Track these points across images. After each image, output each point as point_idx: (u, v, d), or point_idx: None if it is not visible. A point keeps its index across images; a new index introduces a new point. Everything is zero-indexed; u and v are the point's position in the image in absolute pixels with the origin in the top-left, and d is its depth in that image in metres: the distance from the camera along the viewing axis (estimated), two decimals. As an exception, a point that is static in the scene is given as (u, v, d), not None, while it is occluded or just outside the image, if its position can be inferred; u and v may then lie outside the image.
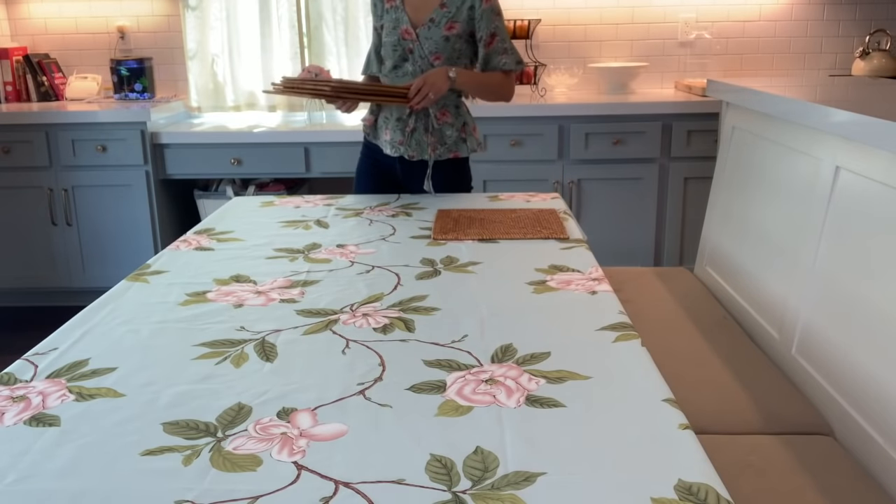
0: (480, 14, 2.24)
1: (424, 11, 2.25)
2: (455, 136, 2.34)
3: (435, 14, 2.24)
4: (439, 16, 2.24)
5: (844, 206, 1.57)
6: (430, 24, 2.24)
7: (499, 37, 2.28)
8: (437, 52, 2.24)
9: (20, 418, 1.04)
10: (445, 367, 1.17)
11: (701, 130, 3.23)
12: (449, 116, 2.33)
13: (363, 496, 0.86)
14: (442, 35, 2.23)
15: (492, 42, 2.28)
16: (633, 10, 3.68)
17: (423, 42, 2.24)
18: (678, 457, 0.93)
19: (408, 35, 2.25)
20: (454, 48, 2.25)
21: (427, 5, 2.26)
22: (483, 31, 2.26)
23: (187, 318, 1.39)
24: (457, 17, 2.24)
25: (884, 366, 1.37)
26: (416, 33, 2.24)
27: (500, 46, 2.29)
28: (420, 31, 2.24)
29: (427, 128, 2.31)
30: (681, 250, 3.39)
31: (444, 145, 2.34)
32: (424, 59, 2.25)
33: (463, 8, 2.24)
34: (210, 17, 3.65)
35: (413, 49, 2.25)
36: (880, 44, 3.53)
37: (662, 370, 1.16)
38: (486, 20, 2.25)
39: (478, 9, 2.24)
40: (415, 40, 2.24)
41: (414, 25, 2.25)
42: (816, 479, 1.30)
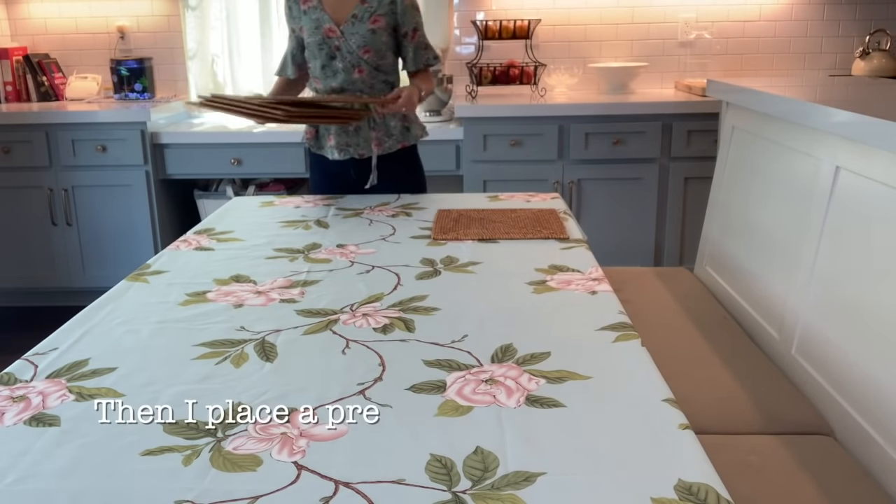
0: (403, 9, 2.30)
1: (344, 9, 2.29)
2: (399, 126, 2.40)
3: (356, 10, 2.28)
4: (361, 11, 2.28)
5: (844, 206, 1.57)
6: (353, 19, 2.28)
7: (419, 31, 2.36)
8: (365, 46, 2.28)
9: (20, 418, 1.04)
10: (445, 367, 1.17)
11: (701, 130, 3.23)
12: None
13: (363, 496, 0.86)
14: (368, 29, 2.28)
15: (414, 37, 2.35)
16: (633, 10, 3.68)
17: (349, 38, 2.28)
18: (678, 457, 0.93)
19: (332, 33, 2.29)
20: (381, 41, 2.30)
21: (346, 2, 2.29)
22: (407, 27, 2.33)
23: (187, 318, 1.39)
24: (379, 10, 2.29)
25: (884, 366, 1.37)
26: (341, 30, 2.28)
27: (422, 42, 2.37)
28: (344, 27, 2.28)
29: (370, 123, 2.36)
30: (681, 250, 3.39)
31: (391, 137, 2.40)
32: (353, 55, 2.29)
33: (384, 2, 2.29)
34: (210, 17, 3.65)
35: (340, 46, 2.29)
36: (880, 44, 3.53)
37: (662, 370, 1.16)
38: (408, 15, 2.32)
39: (399, 4, 2.30)
40: (340, 37, 2.28)
41: (336, 23, 2.29)
42: (816, 479, 1.30)
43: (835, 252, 1.58)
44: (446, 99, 3.48)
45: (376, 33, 2.28)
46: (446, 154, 3.33)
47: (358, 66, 2.30)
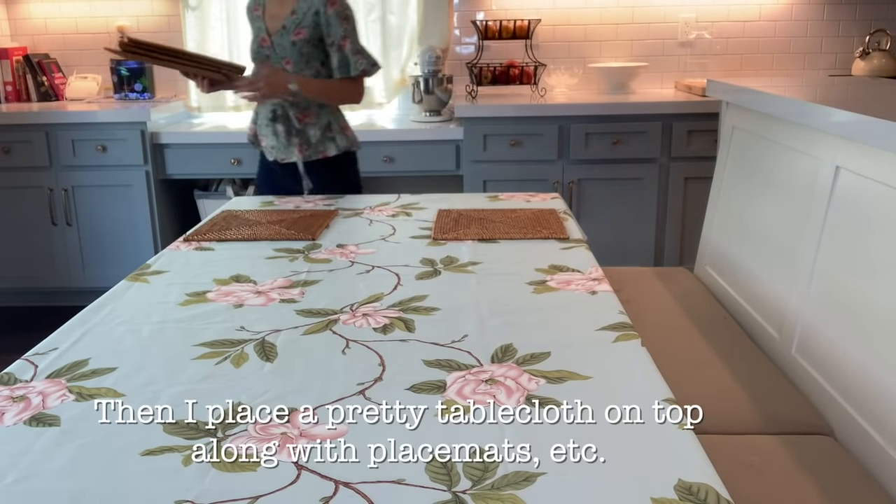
0: (326, 19, 2.33)
1: (279, 19, 2.37)
2: (319, 135, 2.43)
3: (286, 21, 2.35)
4: (290, 23, 2.35)
5: (844, 206, 1.57)
6: (283, 31, 2.35)
7: (350, 40, 2.37)
8: (286, 58, 2.36)
9: (20, 418, 1.04)
10: (445, 367, 1.17)
11: (701, 130, 3.23)
12: (312, 117, 2.42)
13: (363, 496, 0.86)
14: (290, 41, 2.34)
15: (343, 46, 2.36)
16: (633, 10, 3.68)
17: (276, 49, 2.36)
18: (678, 457, 0.93)
19: (264, 43, 2.38)
20: (301, 53, 2.35)
21: (282, 13, 2.37)
22: (332, 37, 2.35)
23: (187, 318, 1.39)
24: (304, 22, 2.34)
25: (884, 366, 1.37)
26: (272, 41, 2.37)
27: (354, 49, 2.37)
28: (275, 38, 2.36)
29: (290, 130, 2.41)
30: (681, 250, 3.39)
31: (310, 146, 2.43)
32: (279, 65, 2.36)
33: (309, 13, 2.33)
34: (210, 17, 3.65)
35: (269, 56, 2.38)
36: (880, 44, 3.53)
37: (662, 370, 1.16)
38: (333, 25, 2.34)
39: (322, 14, 2.33)
40: (270, 48, 2.37)
41: (269, 33, 2.37)
42: (816, 479, 1.30)
43: (835, 252, 1.58)
44: (446, 99, 3.48)
45: (296, 45, 2.34)
46: (446, 154, 3.33)
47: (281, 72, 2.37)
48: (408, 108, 3.72)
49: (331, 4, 2.33)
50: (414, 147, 3.33)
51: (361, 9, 3.60)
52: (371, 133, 3.35)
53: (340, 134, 2.47)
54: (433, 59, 3.43)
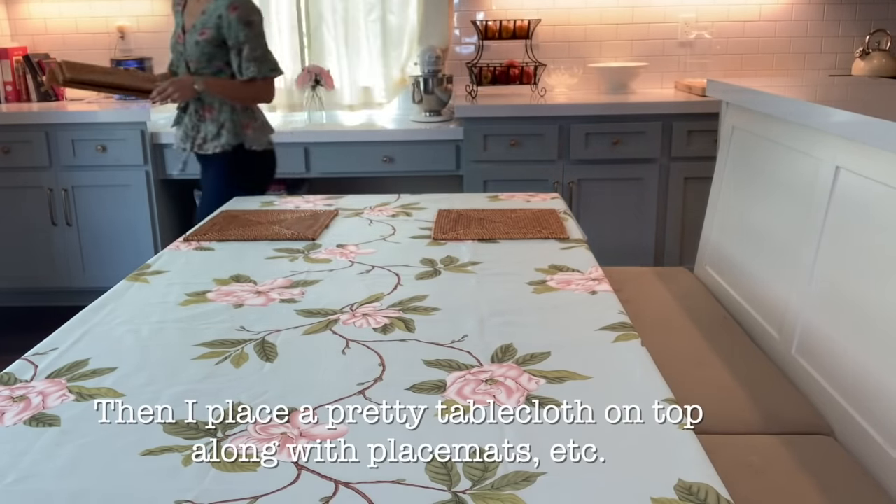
0: (228, 23, 2.42)
1: (193, 18, 2.49)
2: (213, 130, 2.54)
3: (197, 21, 2.47)
4: (199, 22, 2.46)
5: (844, 206, 1.56)
6: (193, 29, 2.47)
7: (249, 45, 2.46)
8: (190, 57, 2.48)
9: (20, 418, 1.04)
10: (445, 367, 1.17)
11: (701, 130, 3.23)
12: (212, 112, 2.55)
13: (363, 496, 0.86)
14: (195, 40, 2.46)
15: (241, 50, 2.46)
16: (633, 10, 3.68)
17: (186, 47, 2.49)
18: (678, 457, 0.93)
19: (179, 40, 2.52)
20: (203, 53, 2.46)
21: (195, 12, 2.49)
22: (232, 40, 2.45)
23: (187, 318, 1.39)
24: (208, 23, 2.44)
25: (884, 366, 1.37)
26: (185, 38, 2.49)
27: (250, 55, 2.47)
28: (186, 35, 2.49)
29: (192, 123, 2.58)
30: (681, 250, 3.38)
31: (206, 141, 2.58)
32: (185, 63, 2.51)
33: (214, 15, 2.44)
34: (210, 17, 3.64)
35: (182, 52, 2.52)
36: (880, 44, 3.53)
37: (662, 370, 1.16)
38: (233, 29, 2.43)
39: (224, 17, 2.42)
40: (182, 44, 2.50)
41: (184, 30, 2.51)
42: (816, 479, 1.30)
43: (835, 252, 1.58)
44: (446, 99, 3.48)
45: (199, 45, 2.45)
46: (446, 154, 3.33)
47: (187, 75, 2.51)
48: (408, 108, 3.72)
49: (233, 9, 2.41)
50: (414, 147, 3.33)
51: (361, 9, 3.60)
52: (371, 133, 3.35)
53: (233, 133, 2.55)
54: (433, 59, 3.43)
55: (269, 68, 2.53)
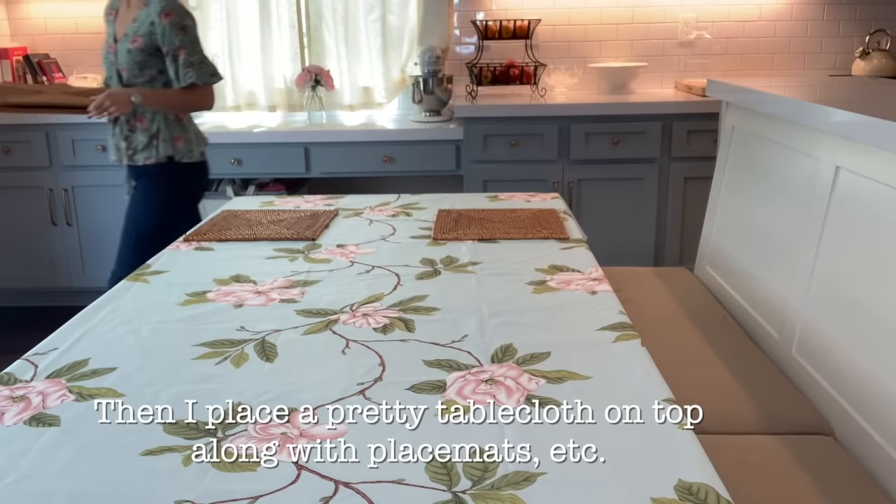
0: (161, 29, 2.37)
1: (124, 26, 2.44)
2: (145, 141, 2.48)
3: (128, 29, 2.42)
4: (130, 30, 2.41)
5: (844, 206, 1.56)
6: (124, 37, 2.42)
7: (185, 51, 2.41)
8: (122, 65, 2.42)
9: (20, 418, 1.04)
10: (445, 367, 1.17)
11: (701, 130, 3.23)
12: (144, 122, 2.48)
13: (363, 496, 0.86)
14: (126, 48, 2.40)
15: (178, 56, 2.41)
16: (633, 10, 3.67)
17: (118, 56, 2.43)
18: (678, 457, 0.93)
19: (111, 49, 2.46)
20: (134, 61, 2.40)
21: (126, 20, 2.44)
22: (167, 46, 2.40)
23: (187, 318, 1.39)
24: (140, 31, 2.39)
25: (884, 366, 1.37)
26: (116, 47, 2.44)
27: (188, 60, 2.41)
28: (118, 45, 2.44)
29: (123, 134, 2.50)
30: (681, 250, 3.38)
31: (137, 151, 2.51)
32: (118, 73, 2.44)
33: (146, 23, 2.39)
34: (210, 17, 3.65)
35: (114, 62, 2.45)
36: (880, 44, 3.53)
37: (662, 370, 1.16)
38: (168, 35, 2.38)
39: (157, 24, 2.37)
40: (114, 53, 2.45)
41: (115, 39, 2.45)
42: (816, 479, 1.30)
43: (835, 252, 1.58)
44: (446, 99, 3.48)
45: (131, 53, 2.39)
46: (446, 154, 3.33)
47: (120, 84, 2.44)
48: (408, 108, 3.72)
49: (166, 15, 2.37)
50: (414, 147, 3.33)
51: (361, 9, 3.60)
52: (371, 133, 3.35)
53: (166, 143, 2.50)
54: (433, 59, 3.43)
55: (209, 73, 2.47)
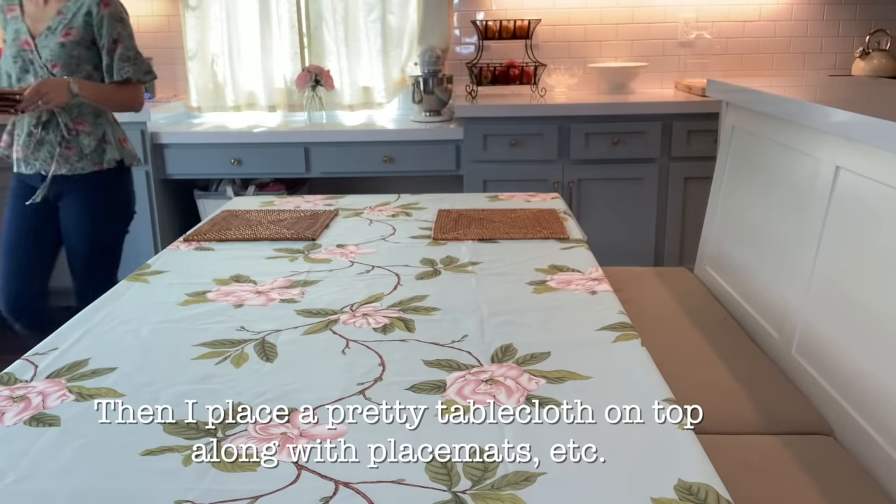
0: (99, 20, 2.24)
1: (42, 20, 2.25)
2: (94, 145, 2.30)
3: (51, 22, 2.23)
4: (55, 23, 2.23)
5: (844, 206, 1.57)
6: (48, 31, 2.23)
7: (123, 44, 2.28)
8: (53, 60, 2.22)
9: (20, 418, 1.04)
10: (445, 367, 1.17)
11: (701, 130, 3.23)
12: (87, 125, 2.30)
13: (363, 496, 0.86)
14: (58, 42, 2.22)
15: (114, 49, 2.27)
16: (633, 10, 3.67)
17: (41, 51, 2.22)
18: (678, 457, 0.93)
19: (27, 45, 2.23)
20: (71, 55, 2.23)
21: (44, 14, 2.25)
22: (104, 38, 2.26)
23: (187, 318, 1.39)
24: (73, 23, 2.23)
25: (884, 366, 1.37)
26: (35, 43, 2.23)
27: (124, 54, 2.28)
28: (38, 40, 2.23)
29: (59, 139, 2.27)
30: (681, 250, 3.38)
31: (83, 157, 2.30)
32: (43, 69, 2.22)
33: (79, 14, 2.23)
34: (210, 17, 3.65)
35: (33, 59, 2.23)
36: (880, 44, 3.53)
37: (662, 370, 1.16)
38: (105, 26, 2.24)
39: (95, 14, 2.23)
40: (33, 50, 2.23)
41: (32, 35, 2.24)
42: (816, 479, 1.30)
43: (835, 252, 1.58)
44: (446, 99, 3.48)
45: (66, 47, 2.21)
46: (446, 154, 3.33)
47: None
48: (408, 108, 3.72)
49: (105, 5, 2.25)
50: (414, 147, 3.33)
51: (361, 9, 3.60)
52: (371, 133, 3.35)
53: (117, 145, 2.36)
54: (433, 59, 3.43)
55: (144, 70, 2.35)
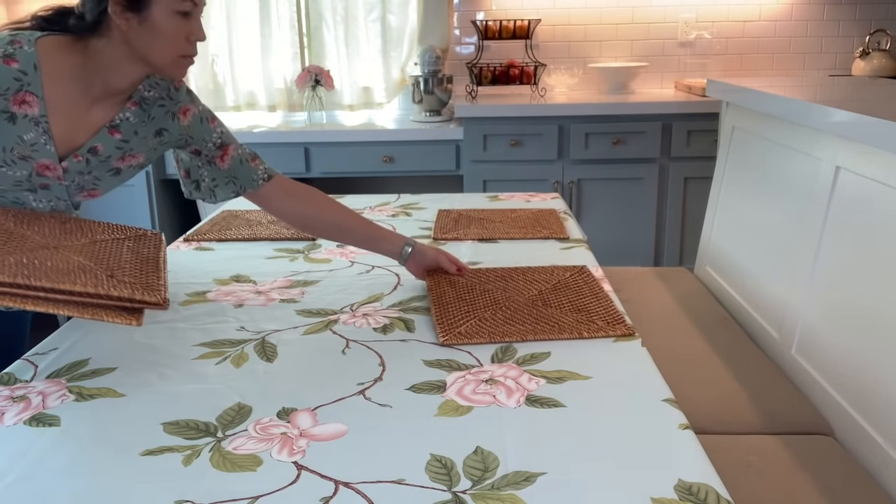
0: (187, 128, 1.45)
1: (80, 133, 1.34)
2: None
3: (101, 143, 1.36)
4: (109, 147, 1.38)
5: (844, 206, 1.57)
6: (91, 157, 1.36)
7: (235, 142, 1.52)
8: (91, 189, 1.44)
9: (20, 418, 1.04)
10: (445, 367, 1.17)
11: (701, 130, 3.23)
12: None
13: (363, 496, 0.86)
14: (110, 168, 1.42)
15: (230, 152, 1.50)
16: (633, 10, 3.67)
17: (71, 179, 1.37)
18: (678, 457, 0.93)
19: (48, 171, 1.32)
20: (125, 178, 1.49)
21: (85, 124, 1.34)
22: (207, 148, 1.48)
23: (187, 318, 1.39)
24: (141, 147, 1.43)
25: (883, 365, 1.37)
26: (63, 167, 1.34)
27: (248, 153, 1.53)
28: (70, 163, 1.34)
29: None
30: (681, 250, 3.39)
31: None
32: (65, 202, 1.41)
33: (149, 133, 1.42)
34: (210, 17, 3.65)
35: (49, 185, 1.35)
36: (880, 44, 3.53)
37: (662, 370, 1.16)
38: (203, 130, 1.47)
39: (173, 127, 1.44)
40: (58, 179, 1.35)
41: (61, 156, 1.33)
42: (816, 479, 1.30)
43: (835, 252, 1.58)
44: (446, 99, 3.48)
45: (122, 173, 1.45)
46: (446, 154, 3.33)
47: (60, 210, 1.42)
48: (408, 108, 3.72)
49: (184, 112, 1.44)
50: (414, 147, 3.33)
51: (361, 9, 3.60)
52: (371, 133, 3.35)
53: None
54: (433, 59, 3.43)
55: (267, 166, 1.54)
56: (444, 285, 1.46)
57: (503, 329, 1.28)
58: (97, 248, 1.30)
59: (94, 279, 1.15)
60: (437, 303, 1.38)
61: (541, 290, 1.43)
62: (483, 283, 1.47)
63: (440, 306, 1.36)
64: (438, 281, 1.48)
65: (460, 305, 1.37)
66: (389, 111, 3.80)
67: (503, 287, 1.44)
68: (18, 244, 1.21)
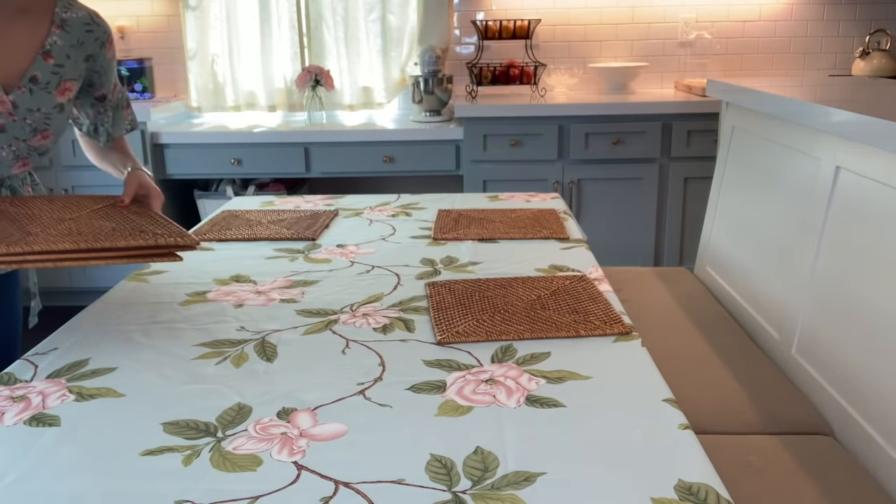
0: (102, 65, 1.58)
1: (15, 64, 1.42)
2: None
3: (38, 68, 1.44)
4: (44, 71, 1.45)
5: (844, 206, 1.57)
6: (32, 85, 1.43)
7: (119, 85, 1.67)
8: (45, 130, 1.50)
9: (20, 418, 1.04)
10: (445, 367, 1.17)
11: (701, 130, 3.23)
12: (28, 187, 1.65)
13: (363, 496, 0.86)
14: (56, 104, 1.48)
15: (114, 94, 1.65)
16: (633, 10, 3.68)
17: (21, 116, 1.44)
18: (678, 457, 0.93)
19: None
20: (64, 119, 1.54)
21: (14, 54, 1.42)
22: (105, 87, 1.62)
23: (187, 318, 1.39)
24: (72, 73, 1.51)
25: (884, 366, 1.37)
26: (12, 101, 1.42)
27: (123, 98, 1.70)
28: (17, 95, 1.42)
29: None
30: (681, 250, 3.39)
31: None
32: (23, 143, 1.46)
33: (79, 60, 1.52)
34: (210, 17, 3.65)
35: (3, 126, 1.42)
36: (880, 44, 3.53)
37: (662, 370, 1.16)
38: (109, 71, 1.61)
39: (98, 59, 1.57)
40: (8, 113, 1.42)
41: (5, 88, 1.40)
42: (816, 479, 1.30)
43: (835, 252, 1.58)
44: (446, 99, 3.48)
45: (65, 109, 1.49)
46: (446, 154, 3.33)
47: (23, 160, 1.49)
48: (408, 108, 3.72)
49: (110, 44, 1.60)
50: (414, 147, 3.33)
51: (361, 9, 3.60)
52: (371, 133, 3.36)
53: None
54: (433, 59, 3.43)
55: (133, 118, 1.74)
56: (443, 292, 1.46)
57: (501, 329, 1.28)
58: (104, 215, 1.44)
59: (135, 236, 1.32)
60: (436, 308, 1.39)
61: (539, 295, 1.43)
62: (482, 290, 1.47)
63: (439, 311, 1.37)
64: (438, 288, 1.48)
65: (459, 309, 1.37)
66: (389, 111, 3.80)
67: (502, 294, 1.45)
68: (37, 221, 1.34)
